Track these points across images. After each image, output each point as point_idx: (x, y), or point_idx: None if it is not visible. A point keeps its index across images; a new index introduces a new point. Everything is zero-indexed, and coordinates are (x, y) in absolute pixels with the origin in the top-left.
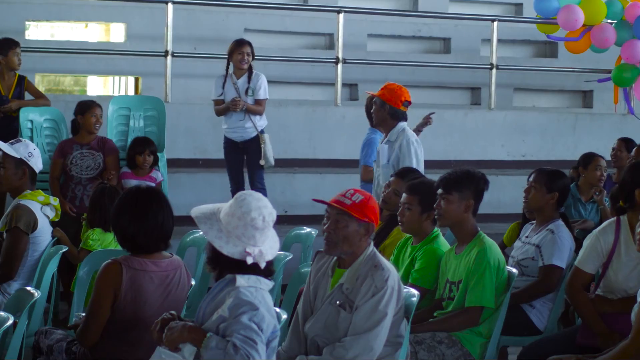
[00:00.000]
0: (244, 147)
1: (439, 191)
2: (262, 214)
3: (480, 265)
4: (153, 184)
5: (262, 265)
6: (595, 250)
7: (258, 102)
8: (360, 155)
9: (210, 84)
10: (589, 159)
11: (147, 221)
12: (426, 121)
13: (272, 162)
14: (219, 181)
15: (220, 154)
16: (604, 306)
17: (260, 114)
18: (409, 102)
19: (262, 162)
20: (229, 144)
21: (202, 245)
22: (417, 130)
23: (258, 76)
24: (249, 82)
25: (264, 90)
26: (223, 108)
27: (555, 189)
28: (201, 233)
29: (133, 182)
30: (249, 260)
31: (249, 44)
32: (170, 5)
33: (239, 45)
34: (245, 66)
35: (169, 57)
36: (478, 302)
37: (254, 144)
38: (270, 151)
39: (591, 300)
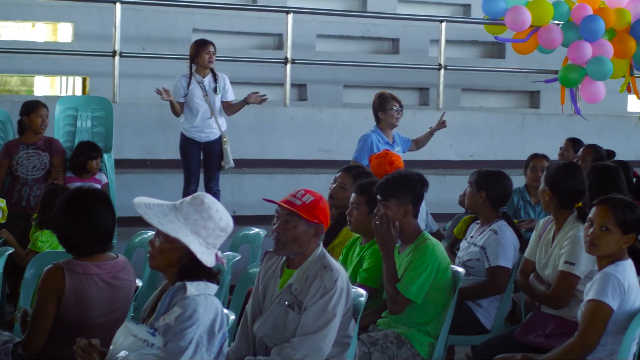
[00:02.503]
0: (205, 147)
1: (378, 198)
2: (230, 221)
3: (419, 261)
4: (99, 186)
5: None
6: (533, 241)
7: (226, 103)
8: None
9: (159, 84)
10: (528, 160)
11: (81, 222)
12: (441, 123)
13: (232, 164)
14: (167, 182)
15: (169, 155)
16: (535, 280)
17: (229, 114)
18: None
19: (223, 164)
20: (190, 143)
21: None
22: (430, 133)
23: (224, 77)
24: (214, 81)
25: (231, 91)
26: (173, 106)
27: (484, 188)
28: (150, 234)
29: (77, 185)
30: (211, 265)
31: (212, 42)
32: (118, 5)
33: (205, 44)
34: (212, 65)
35: (117, 57)
36: (404, 290)
37: (217, 145)
38: (230, 153)
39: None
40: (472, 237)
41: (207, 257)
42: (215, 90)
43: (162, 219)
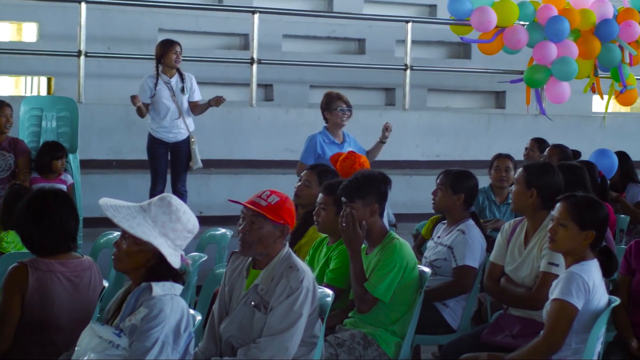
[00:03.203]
0: (173, 148)
1: (343, 199)
2: (196, 222)
3: (387, 259)
4: (64, 187)
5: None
6: (499, 244)
7: (193, 103)
8: None
9: (124, 84)
10: (492, 160)
11: (43, 223)
12: (386, 129)
13: (201, 164)
14: (133, 182)
15: (135, 155)
16: (506, 284)
17: (196, 114)
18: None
19: (191, 164)
20: (158, 144)
21: None
22: (381, 142)
23: (191, 77)
24: (182, 81)
25: (197, 91)
26: (139, 108)
27: (461, 190)
28: (115, 234)
29: (41, 185)
30: (177, 266)
31: (178, 42)
32: (83, 4)
33: (171, 44)
34: (179, 65)
35: (82, 57)
36: (372, 288)
37: (185, 146)
38: (198, 153)
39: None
40: (439, 237)
41: (175, 259)
42: (182, 91)
43: (132, 222)
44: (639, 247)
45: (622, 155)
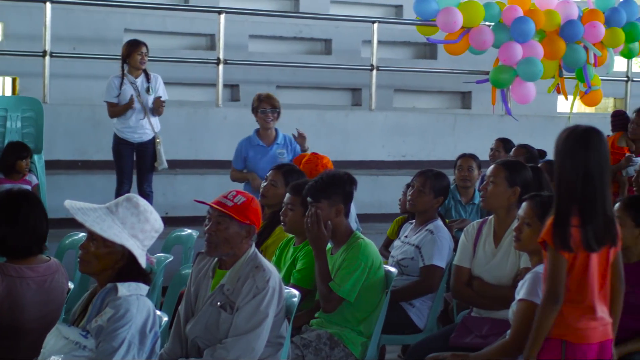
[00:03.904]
0: (138, 148)
1: (308, 199)
2: (161, 221)
3: (352, 259)
4: (29, 187)
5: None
6: (464, 246)
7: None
8: None
9: (90, 84)
10: (456, 160)
11: (17, 224)
12: (300, 135)
13: (166, 165)
14: (99, 183)
15: (100, 156)
16: (482, 286)
17: (161, 114)
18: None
19: (156, 165)
20: (123, 144)
21: None
22: (305, 150)
23: (156, 77)
24: (147, 81)
25: (163, 91)
26: (121, 109)
27: (441, 192)
28: (81, 235)
29: (7, 187)
30: (144, 266)
31: (144, 43)
32: (48, 4)
33: (137, 45)
34: (144, 66)
35: (47, 57)
36: (336, 288)
37: (150, 146)
38: (163, 154)
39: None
40: (406, 236)
41: (143, 260)
42: (148, 91)
43: (102, 225)
44: None
45: None
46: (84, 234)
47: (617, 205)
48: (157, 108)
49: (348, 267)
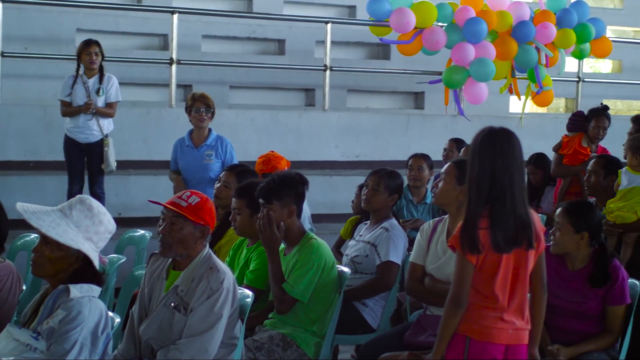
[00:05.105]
0: (86, 149)
1: (260, 201)
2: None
3: (305, 259)
4: None
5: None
6: (420, 245)
7: (109, 104)
8: None
9: (42, 84)
10: (407, 160)
11: None
12: None
13: (114, 168)
14: (51, 184)
15: (52, 156)
16: (433, 283)
17: (111, 116)
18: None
19: (103, 167)
20: (72, 144)
21: None
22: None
23: (110, 78)
24: (100, 82)
25: (115, 92)
26: (73, 110)
27: (396, 190)
28: (33, 236)
29: None
30: (98, 267)
31: (97, 43)
32: (0, 3)
33: (87, 45)
34: (95, 66)
35: None
36: (290, 289)
37: (98, 147)
38: (113, 156)
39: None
40: (361, 235)
41: (97, 261)
42: (98, 92)
43: (58, 230)
44: None
45: (542, 158)
46: (36, 235)
47: (557, 210)
48: (86, 109)
49: (301, 267)
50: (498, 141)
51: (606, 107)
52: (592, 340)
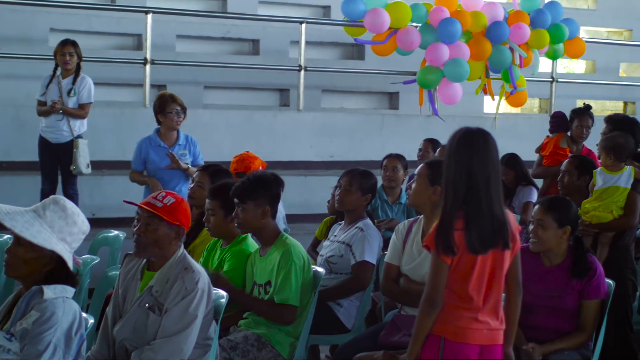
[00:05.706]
0: (57, 149)
1: (235, 200)
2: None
3: (285, 264)
4: None
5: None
6: (395, 245)
7: (81, 105)
8: None
9: (14, 84)
10: (382, 161)
11: None
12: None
13: (83, 171)
14: (24, 184)
15: (25, 157)
16: (408, 283)
17: (81, 117)
18: None
19: (72, 168)
20: (44, 143)
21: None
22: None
23: (84, 79)
24: (73, 82)
25: (88, 93)
26: (44, 110)
27: (369, 190)
28: (6, 237)
29: None
30: (72, 268)
31: (73, 43)
32: None
33: (62, 45)
34: (69, 67)
35: None
36: (286, 300)
37: (68, 148)
38: (84, 158)
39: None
40: (335, 235)
41: (71, 262)
42: (69, 92)
43: (31, 230)
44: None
45: (514, 158)
46: (9, 236)
47: (536, 208)
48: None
49: (286, 275)
50: (474, 141)
51: (589, 107)
52: (565, 338)
